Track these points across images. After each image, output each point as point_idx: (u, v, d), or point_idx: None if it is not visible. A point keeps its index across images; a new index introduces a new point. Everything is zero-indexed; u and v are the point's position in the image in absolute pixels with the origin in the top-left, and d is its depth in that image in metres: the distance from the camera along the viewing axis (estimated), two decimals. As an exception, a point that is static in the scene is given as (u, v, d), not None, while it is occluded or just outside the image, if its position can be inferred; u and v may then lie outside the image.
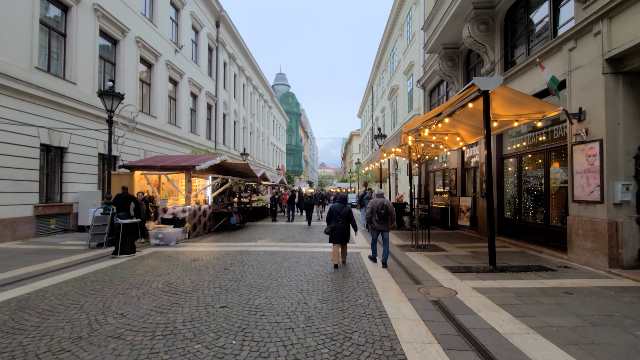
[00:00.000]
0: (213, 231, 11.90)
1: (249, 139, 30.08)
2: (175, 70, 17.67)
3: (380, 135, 14.78)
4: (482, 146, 10.59)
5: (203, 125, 21.29)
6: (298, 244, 9.44)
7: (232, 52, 25.48)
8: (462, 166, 12.55)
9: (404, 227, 12.46)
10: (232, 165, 12.34)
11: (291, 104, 55.14)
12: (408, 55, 20.23)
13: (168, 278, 5.67)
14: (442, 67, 12.81)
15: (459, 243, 9.26)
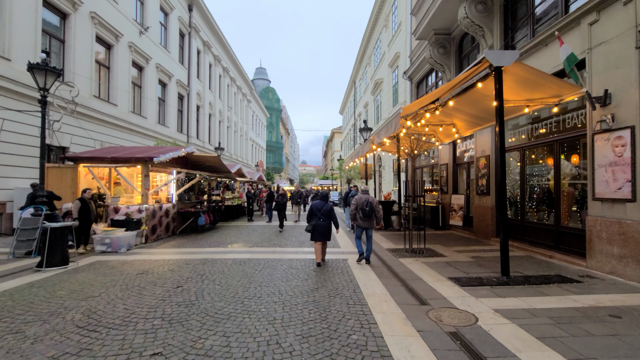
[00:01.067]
0: (178, 233, 10.35)
1: (225, 133, 28.30)
2: (140, 54, 15.81)
3: (366, 129, 13.64)
4: (479, 139, 9.61)
5: (173, 116, 19.46)
6: (274, 249, 8.10)
7: (207, 40, 23.64)
8: (454, 162, 11.58)
9: (393, 228, 11.37)
10: (201, 158, 10.82)
11: (271, 99, 53.34)
12: (393, 47, 19.21)
13: (95, 303, 4.21)
14: (432, 55, 11.78)
15: (456, 246, 8.22)
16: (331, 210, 6.57)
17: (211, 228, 11.73)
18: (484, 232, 9.18)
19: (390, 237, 9.85)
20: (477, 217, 9.58)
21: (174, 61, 19.28)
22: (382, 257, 7.07)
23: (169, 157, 8.69)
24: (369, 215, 6.32)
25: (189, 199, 10.97)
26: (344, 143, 43.08)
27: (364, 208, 6.30)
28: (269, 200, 13.97)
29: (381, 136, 6.97)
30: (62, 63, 11.60)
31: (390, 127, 5.91)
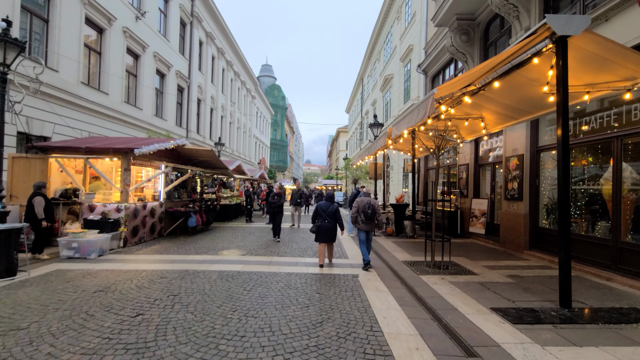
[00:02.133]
0: (166, 235, 9.18)
1: (228, 129, 27.15)
2: (136, 41, 14.67)
3: (376, 124, 12.38)
4: (510, 136, 8.29)
5: (172, 109, 18.32)
6: (271, 258, 6.88)
7: (210, 31, 22.49)
8: (476, 162, 10.27)
9: (405, 234, 10.09)
10: (194, 152, 9.64)
11: (277, 96, 52.17)
12: (406, 39, 17.91)
13: (13, 343, 3.02)
14: (454, 43, 10.48)
15: (484, 259, 6.94)
16: (337, 212, 6.38)
17: (204, 230, 10.54)
18: (515, 243, 7.88)
19: (404, 245, 8.59)
20: (505, 225, 8.28)
21: (173, 51, 18.14)
22: (400, 272, 5.82)
23: (154, 149, 7.50)
24: (371, 218, 6.11)
25: (180, 197, 9.80)
26: (350, 142, 41.81)
27: (366, 211, 6.07)
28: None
29: (402, 127, 5.72)
30: (45, 44, 10.49)
31: (417, 113, 4.66)
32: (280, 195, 8.96)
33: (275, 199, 8.91)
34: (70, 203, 7.72)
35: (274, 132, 51.44)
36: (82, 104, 11.62)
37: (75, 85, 11.37)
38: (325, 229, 6.17)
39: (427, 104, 4.34)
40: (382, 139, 7.77)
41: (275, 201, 8.88)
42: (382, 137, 7.71)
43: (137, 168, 8.92)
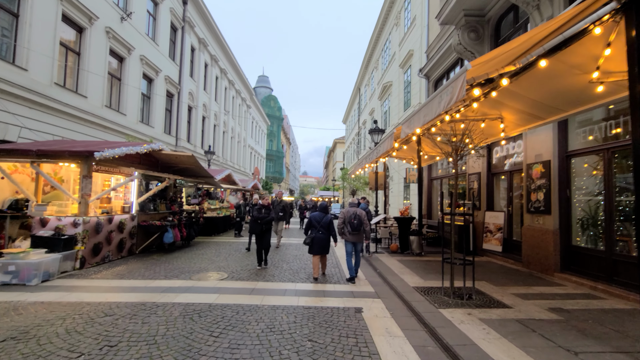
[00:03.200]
0: (138, 253, 7.91)
1: (221, 138, 26.05)
2: (121, 42, 13.67)
3: (377, 130, 11.33)
4: (532, 140, 7.22)
5: (160, 115, 17.22)
6: (255, 284, 5.64)
7: (203, 37, 21.65)
8: (489, 170, 9.18)
9: (412, 251, 8.89)
10: (172, 158, 8.48)
11: (273, 107, 51.41)
12: (405, 45, 17.11)
13: None
14: (462, 41, 9.55)
15: (510, 284, 5.74)
16: (330, 223, 6.24)
17: (184, 246, 9.27)
18: (541, 263, 6.71)
19: (413, 265, 7.38)
20: (529, 242, 7.12)
21: (163, 55, 17.18)
22: (414, 305, 4.61)
23: (120, 153, 6.33)
24: (358, 229, 6.01)
25: (156, 208, 8.57)
26: (347, 153, 40.87)
27: (352, 221, 6.00)
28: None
29: (415, 124, 4.61)
30: (13, 40, 9.41)
31: (439, 102, 3.55)
32: (269, 209, 7.02)
33: (262, 212, 6.88)
34: (20, 216, 6.49)
35: (270, 142, 50.47)
36: (55, 106, 10.48)
37: (47, 86, 10.25)
38: (319, 240, 6.03)
39: (456, 86, 3.25)
40: (386, 143, 6.66)
41: (263, 216, 6.83)
42: (387, 140, 6.60)
43: (104, 176, 7.73)
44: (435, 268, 7.09)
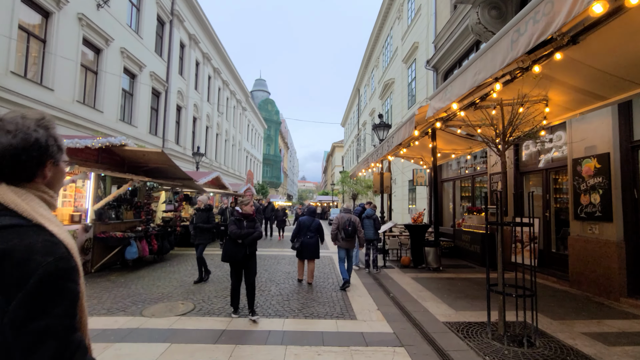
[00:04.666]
0: (94, 272, 6.35)
1: (214, 141, 24.53)
2: (96, 32, 12.22)
3: (383, 126, 9.89)
4: (580, 129, 5.74)
5: (144, 114, 15.72)
6: (228, 321, 4.08)
7: (194, 33, 20.27)
8: (517, 169, 7.71)
9: (427, 265, 7.35)
10: (139, 155, 6.98)
11: (270, 111, 50.04)
12: (409, 38, 15.77)
13: None
14: (481, 20, 8.16)
15: (569, 315, 4.23)
16: (319, 227, 6.11)
17: (157, 261, 7.71)
18: (600, 284, 5.21)
19: (433, 285, 5.85)
20: (579, 256, 5.62)
21: (148, 50, 15.74)
22: (451, 354, 3.09)
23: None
24: (352, 235, 5.93)
25: (119, 217, 7.03)
26: (346, 157, 39.45)
27: (347, 228, 5.90)
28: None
29: (454, 92, 3.12)
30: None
31: (519, 37, 2.08)
32: (253, 220, 4.43)
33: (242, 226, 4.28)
34: None
35: (267, 147, 49.05)
36: (11, 98, 8.97)
37: (2, 74, 8.77)
38: (307, 245, 5.87)
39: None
40: (403, 131, 5.11)
41: (246, 233, 4.22)
42: (404, 128, 5.06)
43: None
44: (463, 290, 5.57)
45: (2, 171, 0.76)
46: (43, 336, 0.64)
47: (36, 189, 0.81)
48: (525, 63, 3.19)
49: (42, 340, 0.64)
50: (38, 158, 0.80)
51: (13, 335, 0.62)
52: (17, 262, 0.66)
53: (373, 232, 7.02)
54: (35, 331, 0.64)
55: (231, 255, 4.22)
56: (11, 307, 0.64)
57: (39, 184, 0.82)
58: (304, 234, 5.93)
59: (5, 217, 0.72)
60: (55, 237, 0.75)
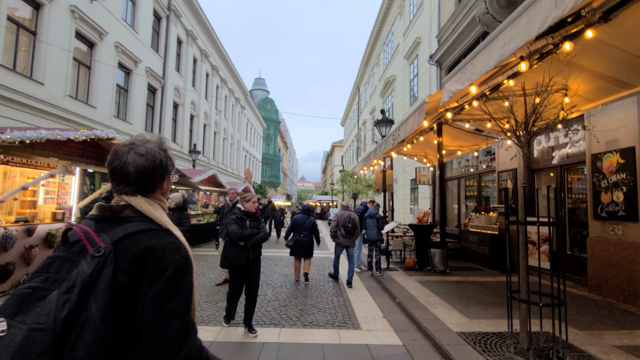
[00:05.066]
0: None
1: (212, 139, 24.09)
2: (90, 25, 11.80)
3: (385, 122, 9.47)
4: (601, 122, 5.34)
5: (140, 111, 15.29)
6: (217, 331, 3.67)
7: (191, 29, 19.84)
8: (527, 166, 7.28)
9: (433, 268, 6.93)
10: (129, 150, 6.55)
11: (270, 110, 49.62)
12: (411, 33, 15.38)
13: None
14: (490, 9, 7.75)
15: (599, 326, 3.82)
16: (314, 225, 6.06)
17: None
18: (624, 290, 4.79)
19: (442, 289, 5.44)
20: (600, 259, 5.21)
21: (144, 45, 15.31)
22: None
23: (34, 138, 4.40)
24: (352, 232, 5.85)
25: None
26: (346, 156, 39.04)
27: (347, 225, 5.84)
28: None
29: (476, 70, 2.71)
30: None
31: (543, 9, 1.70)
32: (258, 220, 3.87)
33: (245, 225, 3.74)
34: None
35: (266, 146, 48.62)
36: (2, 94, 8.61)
37: None
38: (302, 243, 5.84)
39: None
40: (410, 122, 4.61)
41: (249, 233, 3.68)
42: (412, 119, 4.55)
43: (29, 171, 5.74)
44: (474, 295, 5.15)
45: (138, 186, 0.93)
46: (171, 316, 0.81)
47: (157, 198, 0.98)
48: (555, 38, 2.77)
49: (171, 319, 0.81)
50: (161, 174, 0.98)
51: (152, 312, 0.79)
52: (157, 257, 0.83)
53: (376, 233, 6.60)
54: (167, 311, 0.81)
55: (232, 260, 3.62)
56: (152, 291, 0.81)
57: (158, 194, 0.99)
58: (299, 232, 5.88)
59: (144, 223, 0.89)
60: (178, 240, 0.91)
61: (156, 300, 0.80)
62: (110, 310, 0.75)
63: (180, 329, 0.81)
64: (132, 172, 0.91)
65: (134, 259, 0.82)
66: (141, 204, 0.91)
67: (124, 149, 0.95)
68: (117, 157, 0.93)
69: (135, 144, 0.96)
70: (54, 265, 0.82)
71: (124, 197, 0.93)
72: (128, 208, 0.92)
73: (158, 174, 0.96)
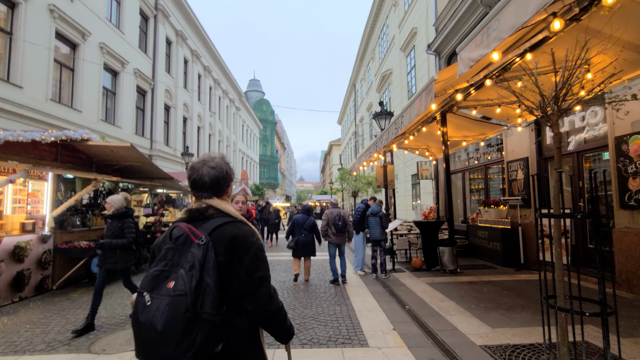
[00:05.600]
0: (55, 289, 5.38)
1: (206, 141, 23.50)
2: (71, 25, 11.25)
3: (384, 114, 8.94)
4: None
5: (129, 114, 14.72)
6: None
7: (181, 29, 19.27)
8: (539, 154, 6.76)
9: (443, 267, 6.39)
10: (107, 152, 5.98)
11: (265, 111, 49.02)
12: (407, 24, 14.86)
13: None
14: (492, -12, 7.24)
15: (636, 331, 3.32)
16: (314, 225, 5.97)
17: (133, 272, 6.73)
18: (660, 286, 4.27)
19: (455, 292, 4.91)
20: (631, 254, 4.69)
21: (130, 46, 14.75)
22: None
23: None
24: (342, 230, 5.84)
25: (87, 223, 6.03)
26: (344, 155, 38.51)
27: (337, 223, 5.81)
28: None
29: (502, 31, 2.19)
30: None
31: None
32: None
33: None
34: None
35: (263, 148, 48.04)
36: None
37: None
38: (303, 243, 5.78)
39: None
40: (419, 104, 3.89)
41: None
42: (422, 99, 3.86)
43: None
44: (492, 298, 4.62)
45: (213, 191, 1.23)
46: (261, 280, 1.14)
47: (224, 200, 1.27)
48: None
49: (262, 282, 1.14)
50: (227, 181, 1.28)
51: (247, 280, 1.11)
52: (242, 242, 1.14)
53: (380, 232, 6.07)
54: (258, 277, 1.13)
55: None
56: (243, 265, 1.11)
57: (225, 196, 1.28)
58: (299, 232, 5.83)
59: (224, 217, 1.19)
60: (251, 227, 1.22)
61: (248, 271, 1.12)
62: (218, 281, 1.06)
63: (268, 288, 1.17)
64: (208, 181, 1.22)
65: (225, 244, 1.12)
66: (219, 204, 1.21)
67: (198, 164, 1.25)
68: (194, 171, 1.24)
69: (206, 160, 1.26)
70: (168, 254, 1.10)
71: (204, 201, 1.22)
72: (210, 208, 1.21)
73: (225, 181, 1.27)
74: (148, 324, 0.96)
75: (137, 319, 1.00)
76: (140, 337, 1.00)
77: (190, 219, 1.19)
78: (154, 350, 0.98)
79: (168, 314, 0.95)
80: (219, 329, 1.02)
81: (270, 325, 1.18)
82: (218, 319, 1.01)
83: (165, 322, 0.95)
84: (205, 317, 0.99)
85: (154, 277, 1.04)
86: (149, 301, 0.99)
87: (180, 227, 1.13)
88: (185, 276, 1.01)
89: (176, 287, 0.99)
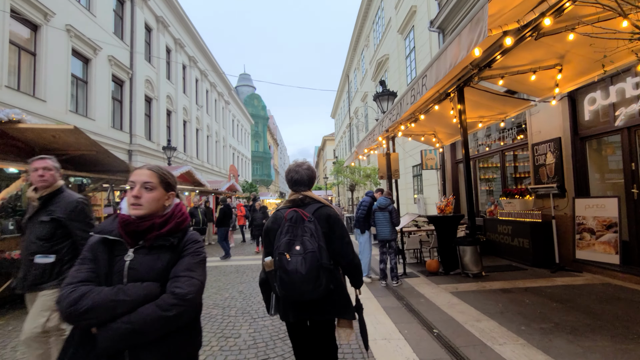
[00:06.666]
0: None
1: (194, 137, 22.09)
2: (30, 3, 9.87)
3: (387, 94, 7.82)
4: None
5: (104, 106, 13.35)
6: None
7: (162, 15, 17.83)
8: (575, 133, 5.69)
9: (464, 271, 5.31)
10: (47, 137, 4.77)
11: (257, 106, 47.51)
12: (405, 3, 13.71)
13: None
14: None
15: None
16: None
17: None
18: None
19: (489, 305, 3.83)
20: None
21: (104, 31, 13.35)
22: None
23: None
24: None
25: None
26: (338, 149, 37.36)
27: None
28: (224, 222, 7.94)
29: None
30: None
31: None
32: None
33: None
34: None
35: (255, 144, 46.64)
36: None
37: None
38: None
39: None
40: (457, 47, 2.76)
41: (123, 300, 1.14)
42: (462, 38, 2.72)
43: None
44: (543, 313, 3.55)
45: (308, 185, 1.95)
46: (348, 243, 1.83)
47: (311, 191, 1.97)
48: None
49: (349, 243, 1.83)
50: (314, 179, 1.97)
51: (340, 243, 1.79)
52: (335, 218, 1.82)
53: (390, 230, 4.97)
54: (346, 241, 1.82)
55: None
56: (336, 234, 1.79)
57: (309, 189, 1.95)
58: None
59: (318, 203, 1.87)
60: (333, 208, 1.87)
61: (340, 238, 1.79)
62: (326, 244, 1.72)
63: (352, 248, 1.85)
64: (306, 179, 1.94)
65: (324, 220, 1.78)
66: (312, 194, 1.90)
67: (297, 168, 1.96)
68: (296, 173, 1.94)
69: (301, 165, 1.97)
70: (289, 230, 1.72)
71: (302, 192, 1.91)
72: (307, 197, 1.90)
73: (314, 179, 1.97)
74: (294, 271, 1.59)
75: (285, 268, 1.61)
76: (288, 280, 1.61)
77: (293, 205, 1.87)
78: (299, 287, 1.59)
79: (307, 263, 1.59)
80: (332, 273, 1.70)
81: (353, 273, 1.89)
82: (332, 267, 1.71)
83: (307, 269, 1.59)
84: (326, 266, 1.64)
85: (287, 243, 1.67)
86: (290, 258, 1.62)
87: (291, 211, 1.80)
88: (311, 240, 1.67)
89: (306, 247, 1.65)
